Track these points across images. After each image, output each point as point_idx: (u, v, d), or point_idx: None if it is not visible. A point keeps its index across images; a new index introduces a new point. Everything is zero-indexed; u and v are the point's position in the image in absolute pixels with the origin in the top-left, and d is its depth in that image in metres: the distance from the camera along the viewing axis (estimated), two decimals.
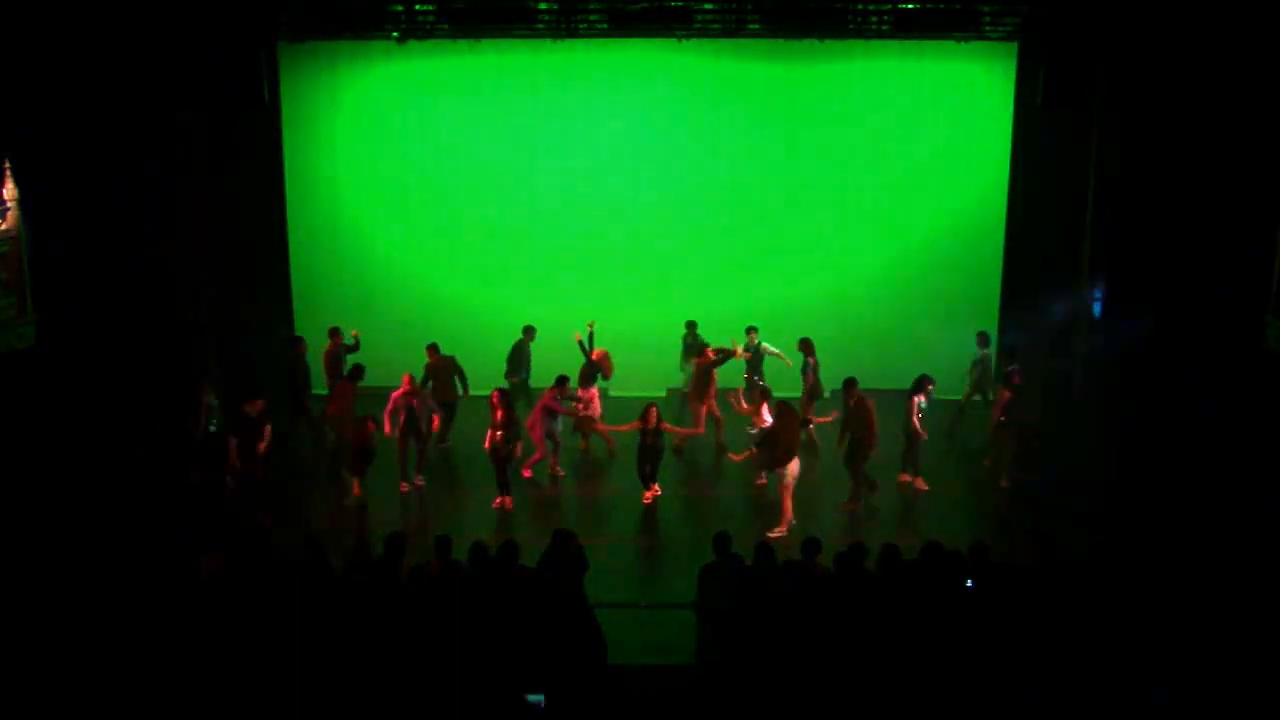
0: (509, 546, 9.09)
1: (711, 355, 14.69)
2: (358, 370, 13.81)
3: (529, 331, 15.54)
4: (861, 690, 7.25)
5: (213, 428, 13.06)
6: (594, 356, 14.66)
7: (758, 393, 13.96)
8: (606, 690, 8.38)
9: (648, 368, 16.43)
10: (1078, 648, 7.54)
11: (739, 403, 13.59)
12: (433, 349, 14.78)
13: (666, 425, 13.26)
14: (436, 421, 14.08)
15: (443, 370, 14.73)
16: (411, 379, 13.74)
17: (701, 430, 14.77)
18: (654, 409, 13.08)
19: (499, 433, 12.74)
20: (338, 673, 7.22)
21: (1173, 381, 12.80)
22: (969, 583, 8.43)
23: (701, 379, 14.62)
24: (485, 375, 15.70)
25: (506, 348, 15.87)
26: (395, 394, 13.54)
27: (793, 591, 8.49)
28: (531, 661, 7.53)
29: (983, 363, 15.53)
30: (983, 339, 15.63)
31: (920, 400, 13.26)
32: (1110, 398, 14.29)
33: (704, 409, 14.72)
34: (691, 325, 15.90)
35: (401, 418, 13.47)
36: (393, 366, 14.80)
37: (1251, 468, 11.66)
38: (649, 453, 13.10)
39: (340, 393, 13.53)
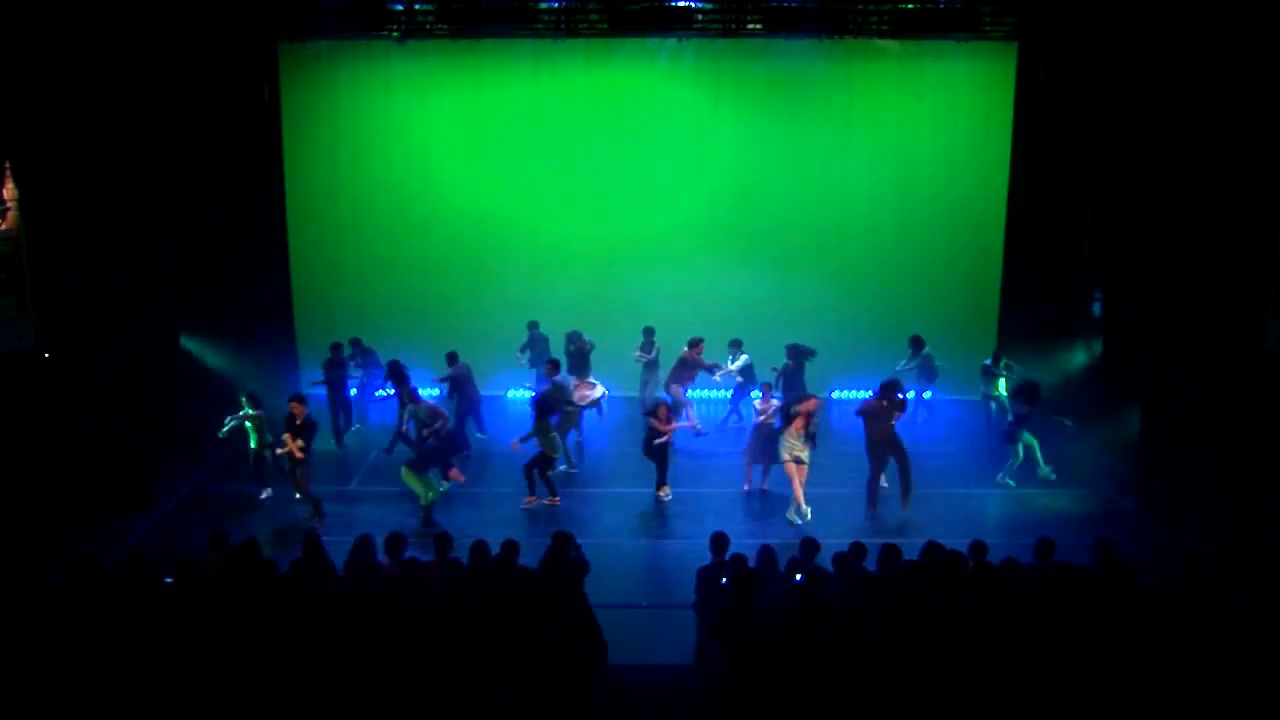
0: (509, 546, 9.10)
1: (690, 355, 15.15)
2: None
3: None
4: (862, 690, 7.24)
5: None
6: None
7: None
8: (606, 691, 8.38)
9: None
10: (1078, 647, 7.54)
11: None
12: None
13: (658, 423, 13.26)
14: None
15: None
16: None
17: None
18: (664, 407, 13.18)
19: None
20: (336, 673, 7.22)
21: (1172, 381, 12.79)
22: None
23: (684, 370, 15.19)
24: (487, 371, 15.75)
25: (507, 344, 15.91)
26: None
27: (793, 592, 8.48)
28: (532, 662, 7.52)
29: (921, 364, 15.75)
30: (915, 344, 15.75)
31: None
32: (1110, 398, 14.29)
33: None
34: (649, 330, 15.86)
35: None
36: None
37: (1252, 467, 11.65)
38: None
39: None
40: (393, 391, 14.21)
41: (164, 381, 14.00)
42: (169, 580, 8.40)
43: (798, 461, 12.58)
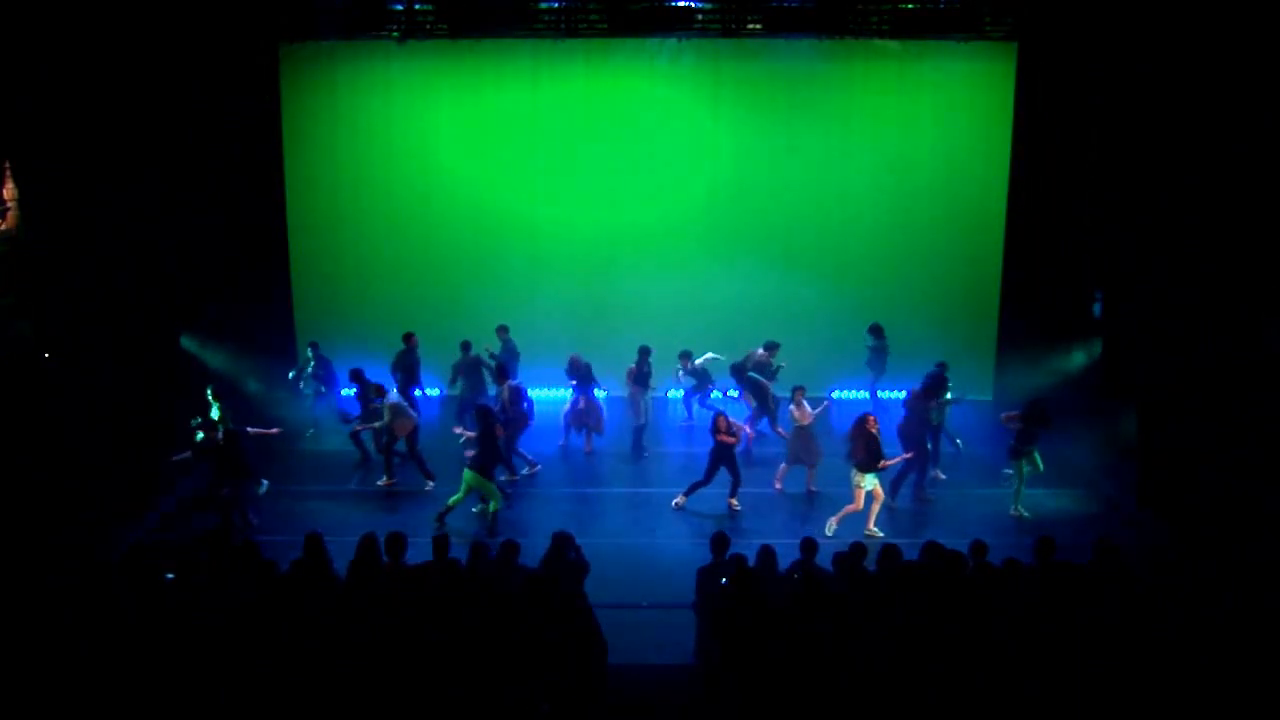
0: (509, 547, 9.11)
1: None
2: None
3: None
4: (862, 690, 7.24)
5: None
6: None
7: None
8: (606, 691, 8.38)
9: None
10: (1078, 647, 7.54)
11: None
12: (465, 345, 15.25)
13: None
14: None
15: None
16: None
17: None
18: (721, 418, 12.92)
19: None
20: (336, 673, 7.22)
21: (1172, 381, 12.80)
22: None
23: None
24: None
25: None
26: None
27: (793, 591, 8.49)
28: (532, 663, 7.53)
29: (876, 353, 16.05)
30: (875, 332, 16.09)
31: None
32: (1110, 398, 14.29)
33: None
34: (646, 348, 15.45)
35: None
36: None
37: (1252, 467, 11.65)
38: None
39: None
40: (355, 391, 14.44)
41: (164, 382, 14.00)
42: (170, 576, 8.42)
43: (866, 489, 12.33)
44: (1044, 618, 7.94)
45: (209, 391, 13.69)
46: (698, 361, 15.36)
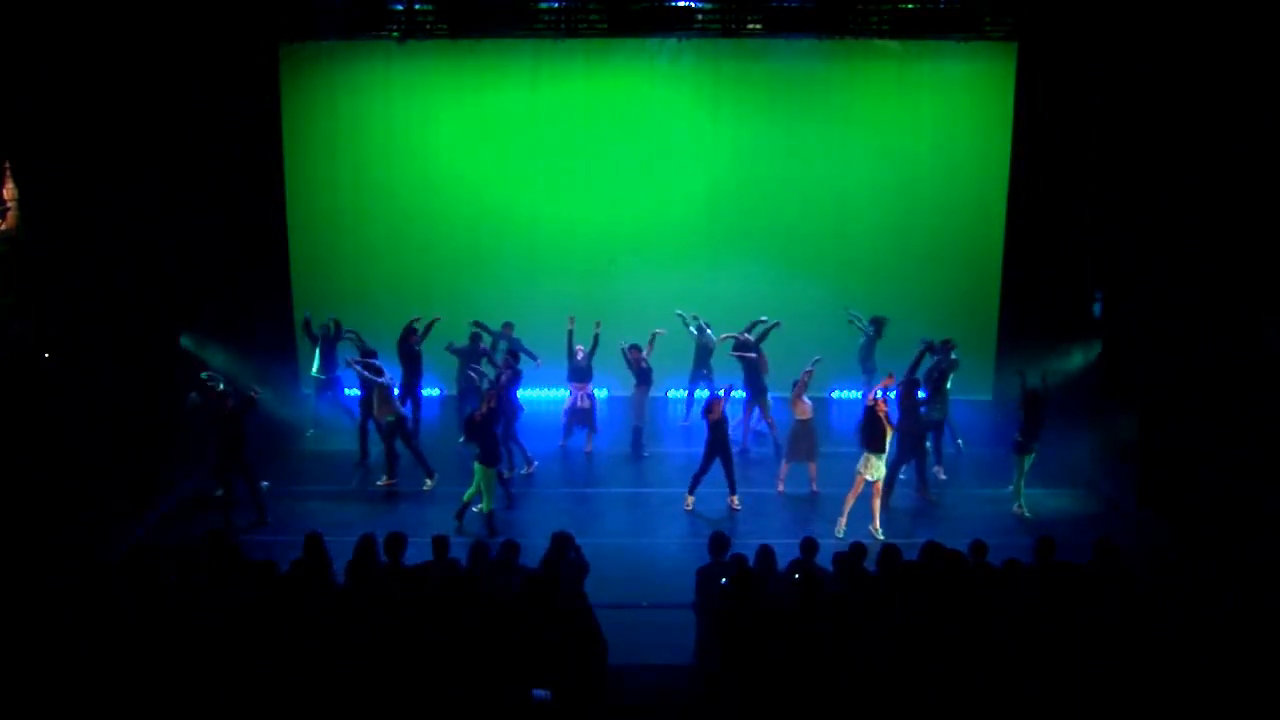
0: (509, 547, 9.11)
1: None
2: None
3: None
4: (862, 690, 7.24)
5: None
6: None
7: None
8: (606, 691, 8.38)
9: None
10: (1078, 647, 7.54)
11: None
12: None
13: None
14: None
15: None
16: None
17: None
18: (717, 402, 12.88)
19: None
20: (336, 673, 7.22)
21: (1172, 381, 12.80)
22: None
23: None
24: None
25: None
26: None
27: (793, 591, 8.48)
28: (532, 663, 7.52)
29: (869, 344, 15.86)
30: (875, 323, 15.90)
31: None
32: (1110, 398, 14.29)
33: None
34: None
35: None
36: (392, 363, 14.93)
37: (1252, 467, 11.65)
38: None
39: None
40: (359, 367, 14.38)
41: (164, 381, 14.00)
42: (174, 578, 8.42)
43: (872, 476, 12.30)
44: (1044, 618, 7.94)
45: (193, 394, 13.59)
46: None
